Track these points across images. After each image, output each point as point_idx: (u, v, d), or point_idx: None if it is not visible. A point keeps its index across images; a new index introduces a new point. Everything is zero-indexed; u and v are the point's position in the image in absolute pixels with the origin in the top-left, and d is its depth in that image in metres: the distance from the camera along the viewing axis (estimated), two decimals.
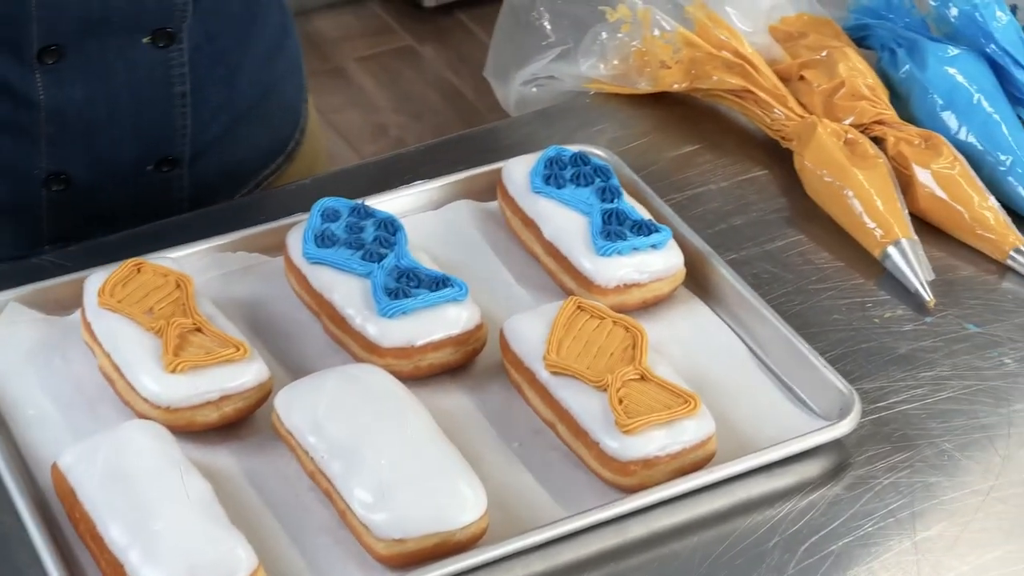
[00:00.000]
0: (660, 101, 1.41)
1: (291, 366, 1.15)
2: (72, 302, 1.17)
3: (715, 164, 1.35)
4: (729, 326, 1.18)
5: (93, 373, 1.12)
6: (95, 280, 1.13)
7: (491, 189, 1.29)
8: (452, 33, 3.47)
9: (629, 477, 1.04)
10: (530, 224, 1.23)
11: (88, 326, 1.12)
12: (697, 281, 1.21)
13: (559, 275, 1.21)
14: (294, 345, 1.17)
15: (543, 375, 1.09)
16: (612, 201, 1.22)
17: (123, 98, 1.25)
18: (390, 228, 1.19)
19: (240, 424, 1.10)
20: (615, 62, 1.41)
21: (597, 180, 1.23)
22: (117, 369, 1.09)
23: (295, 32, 1.40)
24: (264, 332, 1.17)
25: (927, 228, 1.26)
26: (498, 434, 1.10)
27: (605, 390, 1.07)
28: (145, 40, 1.23)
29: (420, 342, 1.12)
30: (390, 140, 3.19)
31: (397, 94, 3.32)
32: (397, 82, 3.35)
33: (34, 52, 1.20)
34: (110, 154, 1.27)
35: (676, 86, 1.39)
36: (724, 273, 1.19)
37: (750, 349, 1.16)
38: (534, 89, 1.45)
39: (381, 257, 1.16)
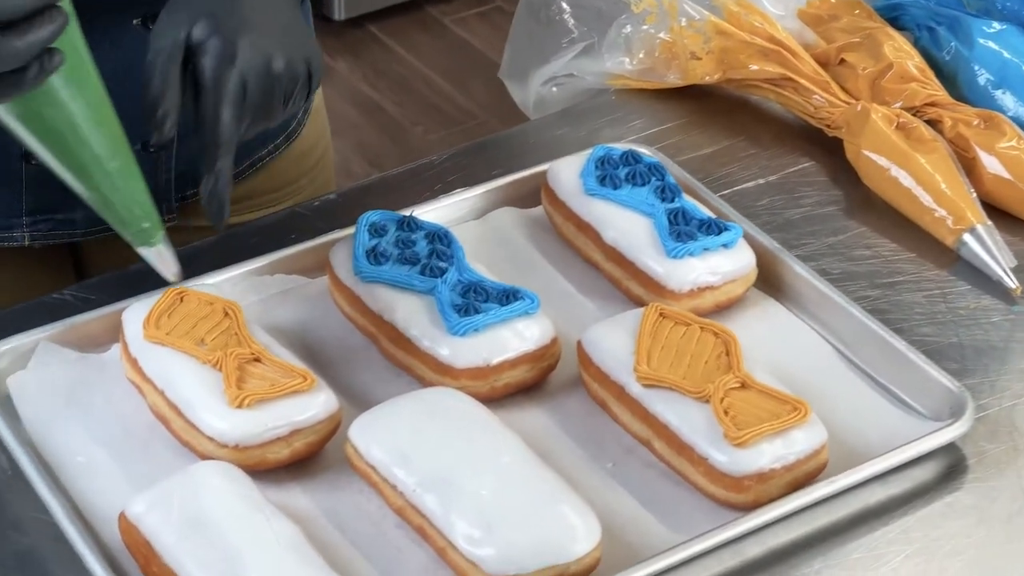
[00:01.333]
0: (688, 94, 1.35)
1: (351, 394, 1.06)
2: (107, 337, 1.07)
3: (757, 157, 1.29)
4: (809, 326, 1.11)
5: (141, 413, 1.02)
6: (135, 312, 1.04)
7: (533, 194, 1.21)
8: (365, 46, 3.38)
9: (743, 493, 0.97)
10: (586, 228, 1.15)
11: (134, 362, 1.02)
12: (767, 280, 1.14)
13: (624, 281, 1.13)
14: (351, 371, 1.08)
15: (634, 388, 1.02)
16: (673, 200, 1.15)
17: (110, 78, 1.17)
18: (444, 240, 1.10)
19: (309, 460, 1.01)
20: (641, 56, 1.34)
21: (653, 179, 1.16)
22: (174, 407, 0.99)
23: (307, 5, 1.29)
24: (316, 358, 1.08)
25: (994, 212, 1.21)
26: (588, 455, 1.03)
27: (707, 401, 0.99)
28: (135, 21, 1.15)
29: (496, 360, 1.04)
30: None
31: None
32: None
33: None
34: None
35: (708, 78, 1.33)
36: (799, 270, 1.13)
37: (835, 349, 1.10)
38: (554, 89, 1.38)
39: (442, 272, 1.08)
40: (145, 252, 0.94)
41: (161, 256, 0.95)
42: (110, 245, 1.22)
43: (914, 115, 1.25)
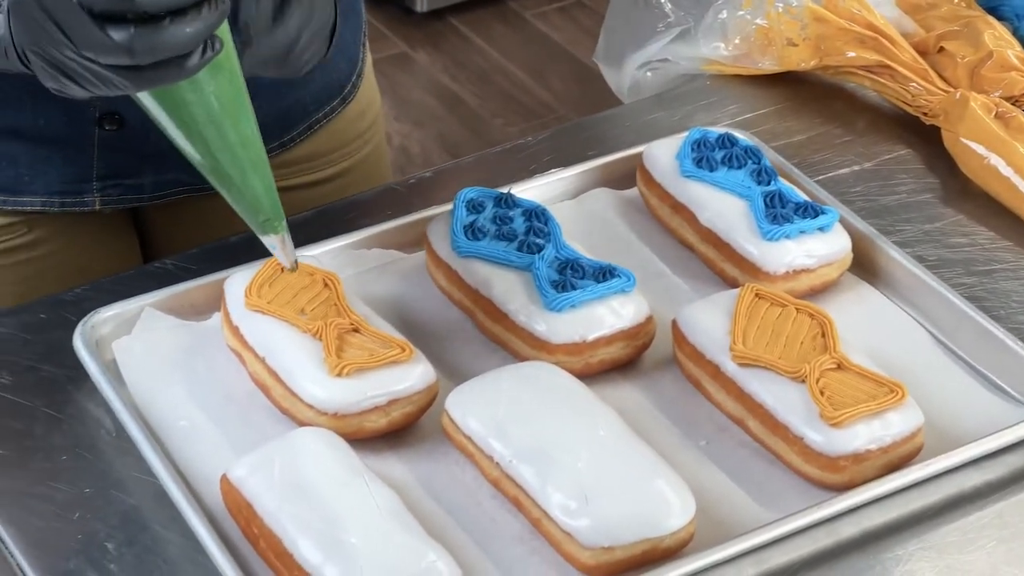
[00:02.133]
0: (781, 81, 1.35)
1: (448, 367, 1.07)
2: (207, 306, 1.09)
3: (852, 144, 1.29)
4: (904, 311, 1.11)
5: (241, 380, 1.04)
6: (237, 281, 1.05)
7: (628, 176, 1.22)
8: (445, 38, 3.40)
9: (838, 473, 0.97)
10: (682, 210, 1.16)
11: (235, 331, 1.04)
12: (862, 265, 1.14)
13: (719, 263, 1.13)
14: (447, 344, 1.09)
15: (730, 367, 1.02)
16: (769, 183, 1.15)
17: None
18: (541, 218, 1.11)
19: (406, 430, 1.02)
20: (736, 41, 1.34)
21: (749, 162, 1.16)
22: (274, 375, 1.01)
23: None
24: (412, 332, 1.09)
25: None
26: (681, 432, 1.03)
27: (803, 381, 1.00)
28: None
29: (592, 337, 1.05)
30: (393, 149, 3.12)
31: (396, 101, 3.25)
32: (395, 89, 3.28)
33: None
34: None
35: (803, 64, 1.33)
36: (895, 255, 1.13)
37: (931, 334, 1.09)
38: (648, 73, 1.38)
39: (539, 248, 1.08)
40: (268, 240, 0.96)
41: (284, 244, 0.96)
42: (172, 211, 1.25)
43: (1013, 104, 1.25)
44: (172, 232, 1.27)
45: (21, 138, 1.16)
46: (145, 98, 0.90)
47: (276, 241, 0.96)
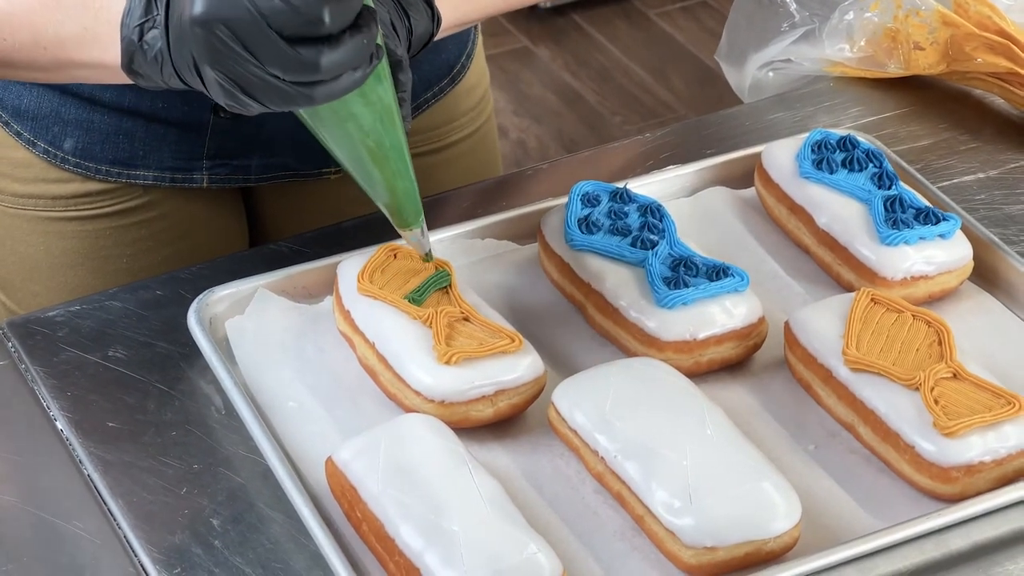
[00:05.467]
0: (907, 85, 1.33)
1: (556, 360, 1.06)
2: (319, 289, 1.09)
3: (977, 151, 1.26)
4: None
5: (350, 364, 1.04)
6: (350, 266, 1.06)
7: (746, 175, 1.21)
8: (567, 34, 3.40)
9: (950, 484, 0.95)
10: (799, 211, 1.14)
11: (347, 315, 1.04)
12: (983, 274, 1.12)
13: (835, 266, 1.12)
14: (556, 337, 1.09)
15: (842, 372, 1.01)
16: (890, 187, 1.13)
17: None
18: (656, 214, 1.10)
19: (511, 420, 1.02)
20: (862, 43, 1.32)
21: (870, 165, 1.15)
22: (383, 360, 1.01)
23: None
24: (522, 323, 1.08)
25: None
26: (790, 436, 1.02)
27: (917, 389, 0.98)
28: None
29: (702, 335, 1.04)
30: (510, 143, 3.13)
31: (516, 96, 3.25)
32: (515, 84, 3.28)
33: None
34: None
35: (930, 69, 1.30)
36: (1018, 265, 1.10)
37: None
38: (770, 74, 1.36)
39: (652, 244, 1.08)
40: (406, 234, 1.01)
41: (422, 235, 1.01)
42: (280, 193, 1.26)
43: None
44: (280, 214, 1.29)
45: (140, 117, 1.19)
46: (311, 112, 0.93)
47: (416, 234, 1.01)
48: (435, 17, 1.02)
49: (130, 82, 0.95)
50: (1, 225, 1.23)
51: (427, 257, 1.02)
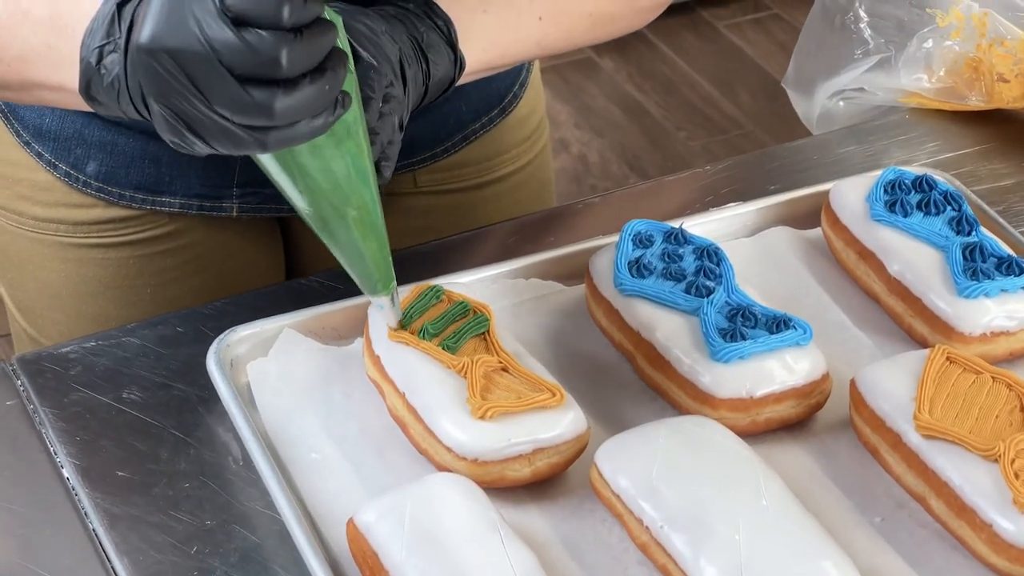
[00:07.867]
0: (989, 119, 1.24)
1: (601, 414, 0.99)
2: (350, 331, 1.02)
3: None
4: None
5: (380, 413, 0.97)
6: None
7: (811, 215, 1.12)
8: (632, 45, 3.32)
9: None
10: (869, 257, 1.06)
11: (376, 360, 0.97)
12: None
13: (907, 318, 1.03)
14: (602, 389, 1.01)
15: (913, 438, 0.92)
16: (969, 233, 1.04)
17: None
18: (713, 258, 1.03)
19: (550, 481, 0.94)
20: (941, 73, 1.24)
21: (948, 208, 1.06)
22: (413, 412, 0.94)
23: None
24: (566, 372, 1.01)
25: None
26: (854, 506, 0.94)
27: (995, 460, 0.89)
28: None
29: (760, 393, 0.96)
30: (571, 156, 3.06)
31: (578, 108, 3.18)
32: (577, 96, 3.21)
33: None
34: None
35: (1015, 103, 1.22)
36: None
37: None
38: (841, 103, 1.28)
39: (709, 291, 1.00)
40: (377, 300, 0.94)
41: (392, 304, 0.95)
42: None
43: None
44: (319, 246, 1.21)
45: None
46: (265, 158, 0.86)
47: (385, 301, 0.94)
48: (458, 61, 0.95)
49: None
50: (22, 250, 1.17)
51: (397, 327, 0.95)
